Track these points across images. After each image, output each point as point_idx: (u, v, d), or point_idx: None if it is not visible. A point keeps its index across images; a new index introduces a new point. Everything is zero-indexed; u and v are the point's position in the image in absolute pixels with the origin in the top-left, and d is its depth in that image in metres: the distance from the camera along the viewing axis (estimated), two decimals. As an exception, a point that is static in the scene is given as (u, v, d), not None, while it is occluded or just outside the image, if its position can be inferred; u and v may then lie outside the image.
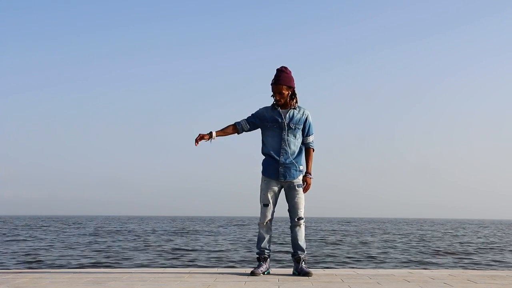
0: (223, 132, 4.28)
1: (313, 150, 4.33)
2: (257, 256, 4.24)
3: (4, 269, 7.01)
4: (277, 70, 4.22)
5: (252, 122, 4.27)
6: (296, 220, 4.19)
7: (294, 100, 4.23)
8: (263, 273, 4.16)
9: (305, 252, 4.22)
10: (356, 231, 25.04)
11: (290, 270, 4.39)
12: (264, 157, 4.26)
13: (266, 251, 4.22)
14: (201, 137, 4.20)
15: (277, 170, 4.17)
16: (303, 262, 4.19)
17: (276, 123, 4.19)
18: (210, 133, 4.22)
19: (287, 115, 4.19)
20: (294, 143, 4.21)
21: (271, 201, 4.19)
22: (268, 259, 4.23)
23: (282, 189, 4.25)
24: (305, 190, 4.25)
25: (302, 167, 4.25)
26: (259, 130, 4.30)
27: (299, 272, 4.16)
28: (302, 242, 4.20)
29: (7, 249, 11.97)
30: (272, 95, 4.23)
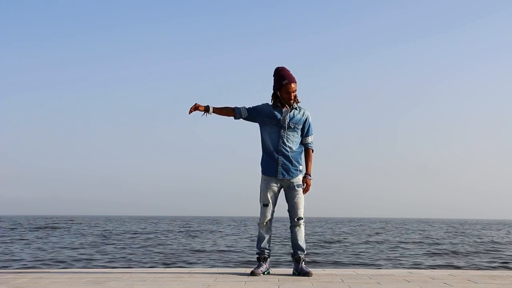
0: (220, 110, 4.24)
1: (312, 151, 4.32)
2: (257, 256, 4.24)
3: (4, 269, 7.01)
4: (282, 69, 4.16)
5: (251, 113, 4.24)
6: (296, 220, 4.19)
7: (297, 99, 4.22)
8: (263, 273, 4.16)
9: (305, 252, 4.22)
10: (355, 231, 25.04)
11: (290, 270, 4.39)
12: (262, 156, 4.26)
13: (266, 251, 4.22)
14: (195, 107, 4.17)
15: (275, 168, 4.16)
16: (303, 262, 4.19)
17: (274, 120, 4.18)
18: (207, 107, 4.19)
19: (288, 114, 4.19)
20: (293, 142, 4.21)
21: (270, 201, 4.19)
22: (268, 259, 4.23)
23: (282, 189, 4.25)
24: (304, 191, 4.24)
25: (302, 167, 4.25)
26: (258, 128, 4.28)
27: (299, 272, 4.16)
28: (302, 242, 4.20)
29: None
30: (272, 95, 4.20)
